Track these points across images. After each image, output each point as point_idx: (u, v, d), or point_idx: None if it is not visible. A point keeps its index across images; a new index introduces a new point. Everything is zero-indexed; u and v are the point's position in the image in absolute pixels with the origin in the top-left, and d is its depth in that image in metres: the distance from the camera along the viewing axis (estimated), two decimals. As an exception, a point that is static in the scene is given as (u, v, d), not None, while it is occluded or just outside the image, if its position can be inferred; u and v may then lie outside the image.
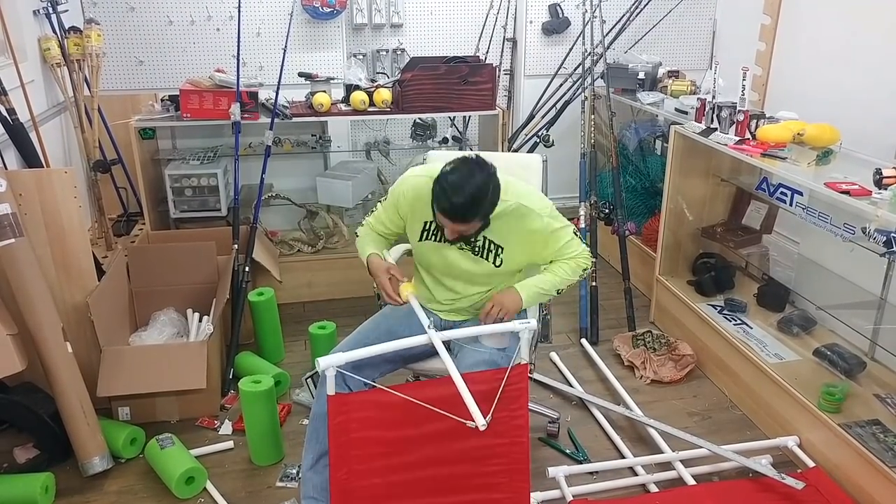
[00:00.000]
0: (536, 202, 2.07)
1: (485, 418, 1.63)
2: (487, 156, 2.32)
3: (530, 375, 2.58)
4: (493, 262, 2.09)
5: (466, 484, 1.91)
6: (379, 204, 2.22)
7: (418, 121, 3.84)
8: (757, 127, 2.75)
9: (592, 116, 3.72)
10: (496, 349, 2.05)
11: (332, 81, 3.39)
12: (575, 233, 2.13)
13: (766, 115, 2.82)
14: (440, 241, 2.08)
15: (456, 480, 1.90)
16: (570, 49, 4.33)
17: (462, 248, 2.08)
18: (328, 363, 1.70)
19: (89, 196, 3.48)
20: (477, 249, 2.08)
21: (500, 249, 2.08)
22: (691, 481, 2.32)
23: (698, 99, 3.02)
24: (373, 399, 1.81)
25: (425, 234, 2.11)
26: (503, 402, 1.82)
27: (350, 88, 3.32)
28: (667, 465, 2.42)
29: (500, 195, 1.96)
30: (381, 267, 2.09)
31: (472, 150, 3.93)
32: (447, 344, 2.20)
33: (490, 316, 2.04)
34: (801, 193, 2.67)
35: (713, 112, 2.90)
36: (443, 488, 1.90)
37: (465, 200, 1.84)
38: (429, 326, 1.87)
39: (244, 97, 3.13)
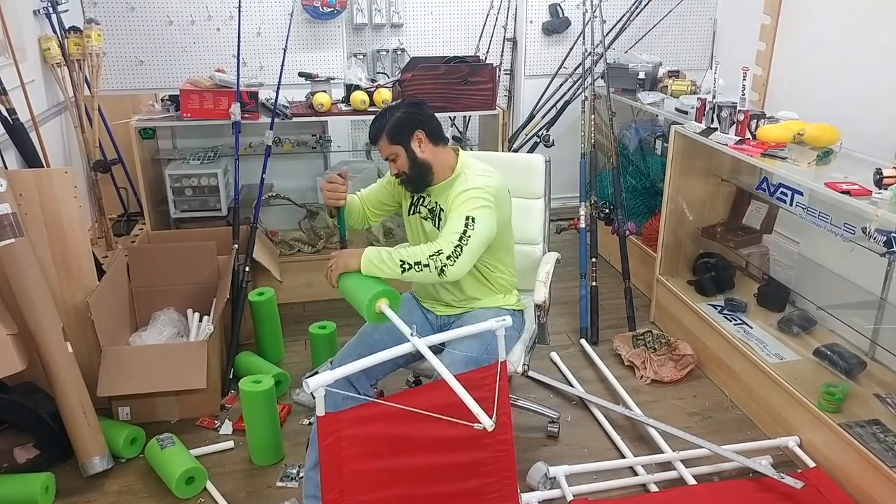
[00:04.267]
0: (475, 178, 2.14)
1: (490, 418, 1.59)
2: (487, 156, 2.34)
3: (528, 375, 2.60)
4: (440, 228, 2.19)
5: (459, 488, 1.90)
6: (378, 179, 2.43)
7: (418, 120, 3.84)
8: (757, 127, 2.75)
9: (593, 116, 3.72)
10: (474, 350, 2.06)
11: (332, 81, 3.39)
12: (467, 228, 2.03)
13: (767, 115, 2.82)
14: (416, 212, 2.27)
15: (448, 484, 1.89)
16: (571, 49, 4.33)
17: (427, 218, 2.24)
18: (318, 384, 1.63)
19: (89, 196, 3.48)
20: (434, 219, 2.22)
21: (443, 213, 2.18)
22: (692, 481, 2.32)
23: (698, 99, 3.02)
24: (364, 414, 1.76)
25: (412, 208, 2.28)
26: (488, 400, 1.81)
27: (350, 88, 3.32)
28: (667, 465, 2.42)
29: (460, 170, 2.18)
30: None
31: (472, 149, 3.94)
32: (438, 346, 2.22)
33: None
34: (801, 193, 2.67)
35: (713, 112, 2.90)
36: (435, 495, 1.88)
37: (373, 121, 2.19)
38: (412, 334, 1.81)
39: (244, 97, 3.13)
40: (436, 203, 2.21)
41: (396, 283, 2.03)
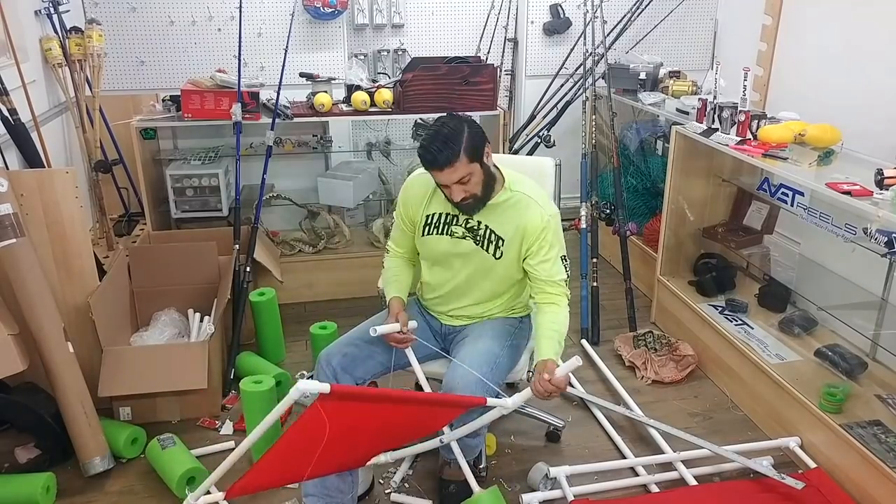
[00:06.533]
0: (544, 200, 2.09)
1: None
2: (494, 158, 2.31)
3: (530, 378, 2.61)
4: (494, 254, 2.09)
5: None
6: (396, 219, 2.26)
7: (419, 121, 3.84)
8: (758, 127, 2.75)
9: (593, 117, 3.72)
10: (483, 368, 2.02)
11: (333, 82, 3.39)
12: (563, 258, 2.08)
13: (768, 116, 2.82)
14: (442, 232, 2.12)
15: None
16: (572, 49, 4.33)
17: (465, 237, 2.10)
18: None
19: (91, 196, 3.48)
20: (479, 239, 2.09)
21: (500, 241, 2.08)
22: (692, 482, 2.32)
23: (699, 99, 3.02)
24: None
25: (427, 228, 2.14)
26: None
27: (351, 89, 3.32)
28: (668, 466, 2.42)
29: (511, 187, 2.07)
30: (392, 312, 2.12)
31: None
32: (448, 347, 2.22)
33: (540, 393, 1.91)
34: (802, 194, 2.67)
35: (714, 112, 2.90)
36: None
37: (439, 142, 1.89)
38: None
39: (245, 97, 3.13)
40: (479, 222, 2.08)
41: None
